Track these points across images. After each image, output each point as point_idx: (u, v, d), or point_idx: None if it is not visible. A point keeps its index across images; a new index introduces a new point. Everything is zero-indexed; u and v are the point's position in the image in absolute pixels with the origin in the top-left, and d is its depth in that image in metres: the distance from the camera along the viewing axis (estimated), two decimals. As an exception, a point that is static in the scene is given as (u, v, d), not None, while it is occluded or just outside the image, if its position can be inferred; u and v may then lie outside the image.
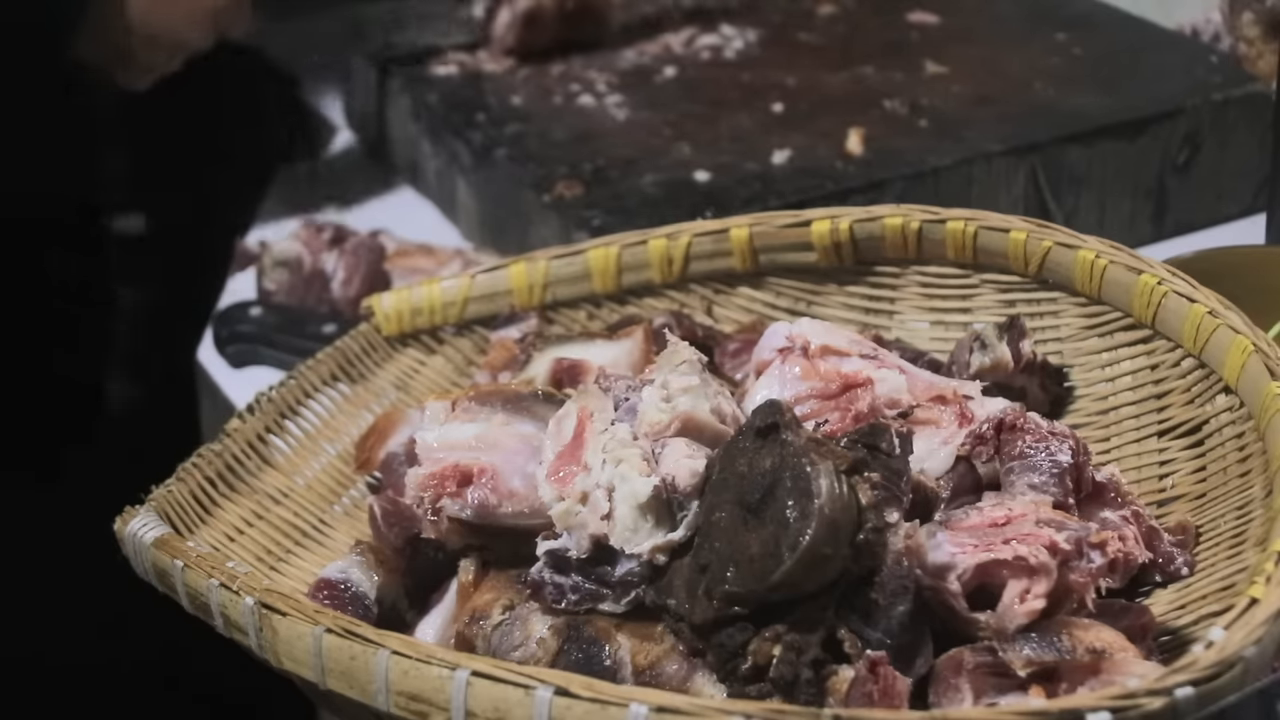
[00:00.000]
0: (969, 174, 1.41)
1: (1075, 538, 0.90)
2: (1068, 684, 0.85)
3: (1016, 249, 1.09)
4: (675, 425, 0.95)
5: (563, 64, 1.62)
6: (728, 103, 1.54)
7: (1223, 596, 0.91)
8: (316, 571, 1.04)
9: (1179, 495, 1.01)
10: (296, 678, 0.90)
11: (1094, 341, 1.09)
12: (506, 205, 1.47)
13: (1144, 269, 1.04)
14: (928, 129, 1.46)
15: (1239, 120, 1.48)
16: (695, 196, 1.39)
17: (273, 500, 1.10)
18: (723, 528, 0.89)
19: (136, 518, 1.01)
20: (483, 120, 1.54)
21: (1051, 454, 0.95)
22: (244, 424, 1.11)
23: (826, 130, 1.46)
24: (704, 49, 1.64)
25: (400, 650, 0.85)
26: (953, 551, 0.89)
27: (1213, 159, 1.48)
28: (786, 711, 0.77)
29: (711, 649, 0.88)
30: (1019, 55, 1.58)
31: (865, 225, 1.14)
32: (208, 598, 0.94)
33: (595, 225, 1.36)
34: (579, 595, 0.93)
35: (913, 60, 1.58)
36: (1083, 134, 1.44)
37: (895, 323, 1.16)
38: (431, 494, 0.98)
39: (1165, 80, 1.50)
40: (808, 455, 0.86)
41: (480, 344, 1.20)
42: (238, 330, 1.43)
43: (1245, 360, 0.96)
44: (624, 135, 1.50)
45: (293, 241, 1.47)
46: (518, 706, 0.80)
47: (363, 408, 1.17)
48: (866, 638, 0.87)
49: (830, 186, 1.39)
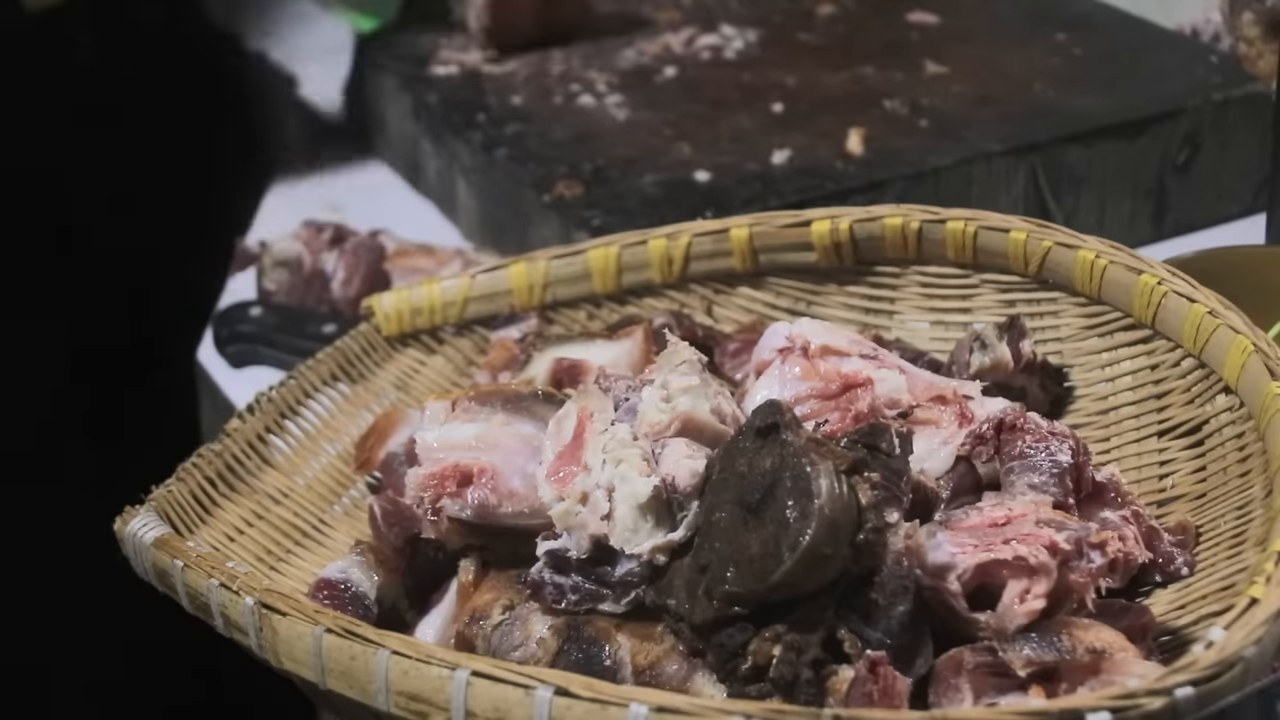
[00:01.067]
0: (969, 174, 1.41)
1: (1075, 538, 0.90)
2: (1068, 684, 0.85)
3: (1016, 249, 1.10)
4: (675, 425, 0.95)
5: (563, 64, 1.62)
6: (728, 103, 1.54)
7: (1223, 596, 0.91)
8: (316, 571, 1.04)
9: (1179, 495, 1.01)
10: (296, 678, 0.90)
11: (1094, 341, 1.09)
12: (506, 205, 1.47)
13: (1144, 269, 1.04)
14: (928, 129, 1.46)
15: (1239, 120, 1.48)
16: (695, 196, 1.39)
17: (273, 500, 1.10)
18: (723, 528, 0.88)
19: (136, 518, 1.01)
20: (483, 120, 1.54)
21: (1051, 454, 0.95)
22: (244, 424, 1.11)
23: (826, 130, 1.46)
24: (704, 49, 1.64)
25: (400, 650, 0.85)
26: (953, 551, 0.89)
27: (1212, 159, 1.47)
28: (786, 711, 0.78)
29: (711, 649, 0.88)
30: (1019, 55, 1.58)
31: (865, 225, 1.14)
32: (208, 598, 0.94)
33: (595, 225, 1.36)
34: (579, 595, 0.93)
35: (913, 60, 1.58)
36: (1083, 134, 1.44)
37: (895, 323, 1.16)
38: (431, 494, 0.98)
39: (1165, 80, 1.50)
40: (808, 455, 0.86)
41: (480, 344, 1.20)
42: (238, 330, 1.43)
43: (1245, 360, 0.96)
44: (624, 135, 1.50)
45: (293, 241, 1.47)
46: (518, 706, 0.81)
47: (363, 408, 1.17)
48: (866, 638, 0.87)
49: (830, 186, 1.38)
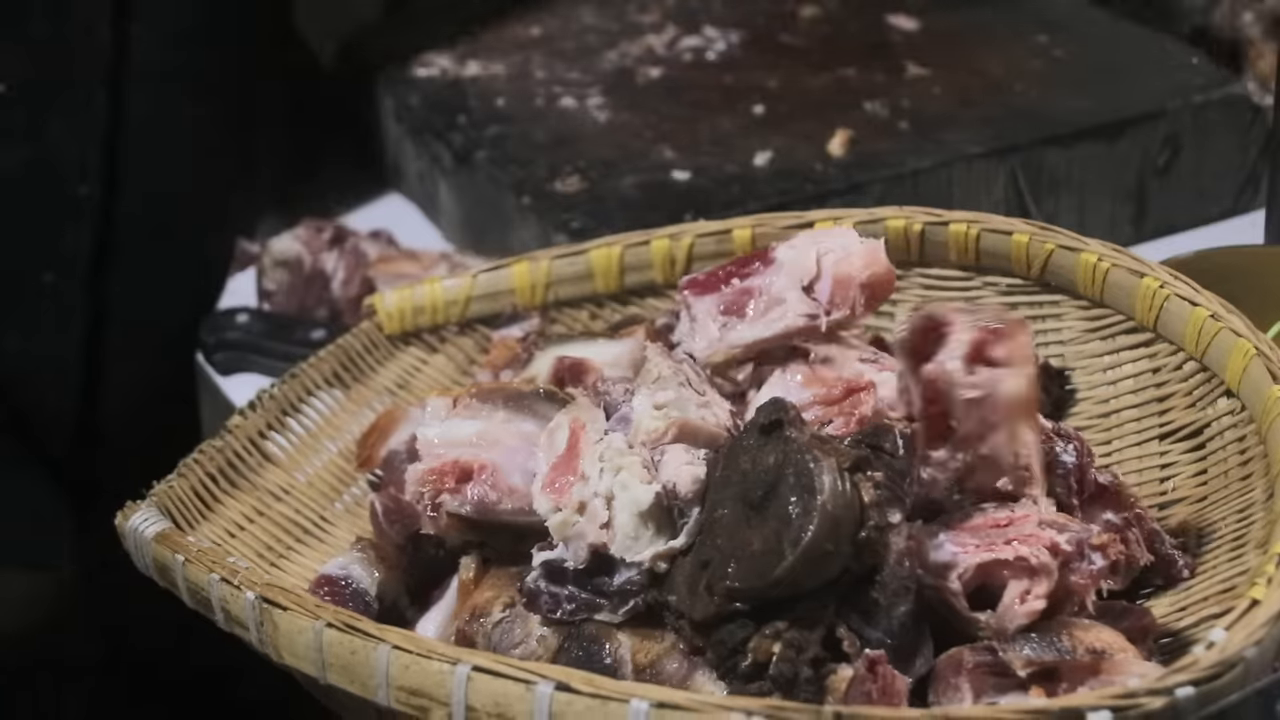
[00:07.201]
0: (949, 176, 1.40)
1: (1077, 539, 0.90)
2: (1067, 684, 0.85)
3: (1019, 251, 1.10)
4: (672, 432, 0.95)
5: (545, 66, 1.61)
6: (709, 105, 1.53)
7: (1223, 598, 0.91)
8: (317, 568, 1.04)
9: (1180, 498, 1.01)
10: (297, 672, 0.90)
11: (1096, 344, 1.09)
12: (487, 207, 1.47)
13: (1146, 272, 1.04)
14: (908, 131, 1.45)
15: (1219, 123, 1.46)
16: (675, 198, 1.38)
17: (274, 497, 1.10)
18: (725, 524, 0.89)
19: (138, 513, 1.01)
20: (464, 122, 1.53)
21: (1056, 455, 0.95)
22: (245, 420, 1.11)
23: (808, 132, 1.45)
24: (686, 50, 1.63)
25: (401, 645, 0.85)
26: (954, 551, 0.89)
27: (1193, 161, 1.47)
28: (786, 708, 0.77)
29: (712, 646, 0.88)
30: (1000, 58, 1.56)
31: (867, 227, 1.14)
32: (209, 592, 0.94)
33: (575, 228, 1.35)
34: (575, 605, 0.93)
35: (894, 62, 1.57)
36: (1063, 136, 1.43)
37: (897, 324, 1.16)
38: (431, 489, 0.98)
39: (1146, 82, 1.49)
40: (811, 452, 0.86)
41: (482, 343, 1.20)
42: (225, 338, 1.42)
43: (1247, 363, 0.97)
44: (605, 137, 1.49)
45: (293, 241, 1.47)
46: (518, 701, 0.80)
47: (364, 406, 1.17)
48: (867, 637, 0.87)
49: (810, 189, 1.37)
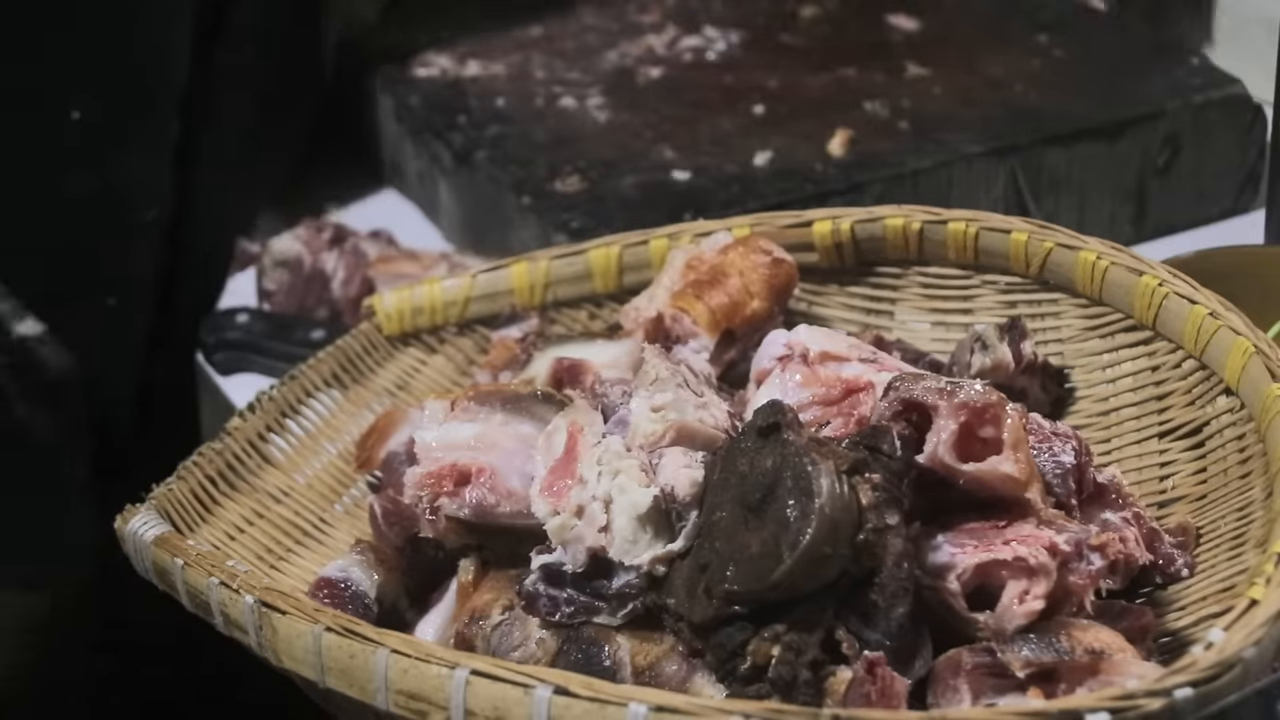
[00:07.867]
0: (949, 176, 1.40)
1: (1075, 540, 0.90)
2: (1066, 685, 0.85)
3: (1018, 250, 1.09)
4: (670, 435, 0.94)
5: (545, 66, 1.61)
6: (709, 105, 1.53)
7: (1222, 598, 0.91)
8: (316, 570, 1.04)
9: (1179, 497, 1.01)
10: (297, 676, 0.90)
11: (1095, 343, 1.09)
12: (487, 207, 1.47)
13: (1145, 270, 1.04)
14: (908, 131, 1.45)
15: (1219, 123, 1.47)
16: (675, 198, 1.38)
17: (273, 499, 1.10)
18: (723, 527, 0.88)
19: (137, 516, 1.01)
20: (464, 122, 1.53)
21: (1054, 455, 0.95)
22: (244, 423, 1.11)
23: (808, 132, 1.46)
24: (686, 50, 1.63)
25: (400, 649, 0.85)
26: (952, 551, 0.89)
27: (1193, 161, 1.47)
28: (785, 711, 0.78)
29: (710, 648, 0.88)
30: (1000, 57, 1.56)
31: (866, 226, 1.14)
32: (208, 596, 0.94)
33: (574, 227, 1.35)
34: (574, 608, 0.93)
35: (894, 63, 1.58)
36: (1063, 136, 1.43)
37: (896, 323, 1.16)
38: (429, 493, 0.98)
39: (1145, 82, 1.49)
40: (809, 455, 0.86)
41: (481, 343, 1.20)
42: (225, 338, 1.43)
43: (1246, 362, 0.96)
44: (605, 137, 1.49)
45: (293, 241, 1.47)
46: (517, 705, 0.80)
47: (363, 407, 1.17)
48: (865, 639, 0.87)
49: (810, 189, 1.38)
